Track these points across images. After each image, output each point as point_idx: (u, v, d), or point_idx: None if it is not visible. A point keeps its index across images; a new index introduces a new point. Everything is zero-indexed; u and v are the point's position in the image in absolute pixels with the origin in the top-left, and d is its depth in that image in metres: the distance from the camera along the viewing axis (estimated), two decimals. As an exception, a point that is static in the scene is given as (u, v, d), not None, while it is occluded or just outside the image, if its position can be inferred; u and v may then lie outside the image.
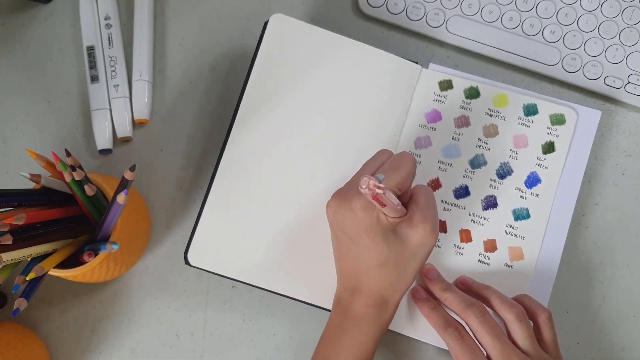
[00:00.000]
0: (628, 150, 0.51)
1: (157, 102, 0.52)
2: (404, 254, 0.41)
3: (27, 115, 0.52)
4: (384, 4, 0.52)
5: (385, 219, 0.40)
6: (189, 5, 0.54)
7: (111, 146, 0.51)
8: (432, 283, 0.45)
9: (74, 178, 0.40)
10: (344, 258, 0.43)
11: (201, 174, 0.51)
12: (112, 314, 0.49)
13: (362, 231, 0.41)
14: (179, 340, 0.49)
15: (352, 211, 0.41)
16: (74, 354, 0.49)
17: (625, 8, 0.51)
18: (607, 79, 0.51)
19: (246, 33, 0.53)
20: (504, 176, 0.48)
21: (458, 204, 0.48)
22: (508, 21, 0.52)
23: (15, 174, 0.51)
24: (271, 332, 0.49)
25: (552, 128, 0.49)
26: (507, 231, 0.47)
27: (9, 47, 0.53)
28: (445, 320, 0.44)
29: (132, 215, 0.45)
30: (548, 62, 0.51)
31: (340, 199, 0.42)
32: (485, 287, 0.46)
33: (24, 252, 0.39)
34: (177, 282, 0.50)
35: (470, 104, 0.49)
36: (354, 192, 0.41)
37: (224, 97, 0.52)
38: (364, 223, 0.40)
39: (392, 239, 0.41)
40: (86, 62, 0.51)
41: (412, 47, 0.53)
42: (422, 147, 0.49)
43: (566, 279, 0.49)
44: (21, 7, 0.53)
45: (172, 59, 0.53)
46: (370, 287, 0.42)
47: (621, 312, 0.49)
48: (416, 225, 0.41)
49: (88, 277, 0.43)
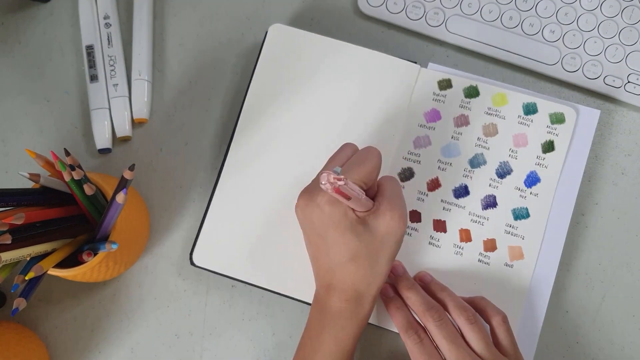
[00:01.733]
0: (627, 150, 0.51)
1: (156, 102, 0.52)
2: (374, 245, 0.41)
3: (26, 114, 0.52)
4: (383, 4, 0.52)
5: (352, 213, 0.40)
6: (189, 5, 0.54)
7: (110, 145, 0.51)
8: (398, 280, 0.45)
9: (73, 177, 0.40)
10: (316, 256, 0.43)
11: (200, 173, 0.51)
12: (111, 314, 0.49)
13: (331, 226, 0.40)
14: (178, 340, 0.49)
15: (318, 207, 0.40)
16: (73, 353, 0.49)
17: (625, 7, 0.51)
18: (607, 79, 0.51)
19: (246, 33, 0.53)
20: (504, 175, 0.48)
21: (458, 203, 0.48)
22: (508, 20, 0.52)
23: (14, 173, 0.51)
24: (271, 332, 0.49)
25: (552, 127, 0.48)
26: (507, 230, 0.47)
27: (8, 46, 0.53)
28: (407, 322, 0.43)
29: (132, 215, 0.45)
30: (548, 62, 0.51)
31: (306, 196, 0.41)
32: (442, 288, 0.45)
33: (23, 251, 0.39)
34: (176, 282, 0.50)
35: (469, 103, 0.49)
36: (320, 188, 0.41)
37: (223, 96, 0.52)
38: (331, 218, 0.40)
39: (361, 231, 0.40)
40: (85, 61, 0.51)
41: (411, 46, 0.53)
42: (422, 146, 0.49)
43: (565, 279, 0.49)
44: (20, 7, 0.53)
45: (172, 59, 0.53)
46: (344, 281, 0.41)
47: (621, 312, 0.49)
48: (383, 214, 0.40)
49: (87, 276, 0.43)
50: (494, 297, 0.46)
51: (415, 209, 0.48)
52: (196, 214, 0.50)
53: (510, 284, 0.47)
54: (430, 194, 0.48)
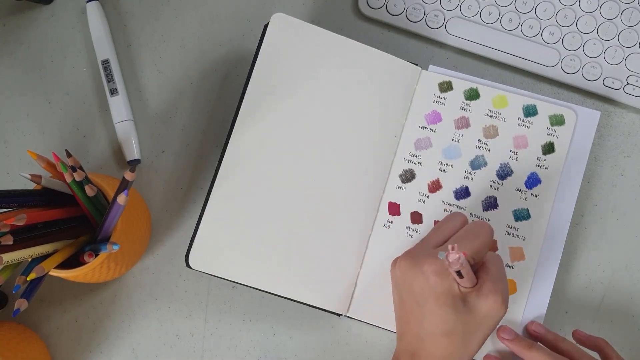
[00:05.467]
0: (627, 151, 0.52)
1: (157, 102, 0.52)
2: (471, 325, 0.40)
3: (28, 115, 0.52)
4: (383, 5, 0.52)
5: (457, 288, 0.40)
6: (189, 6, 0.54)
7: (139, 156, 0.51)
8: (514, 342, 0.45)
9: (74, 179, 0.40)
10: (406, 320, 0.42)
11: (201, 174, 0.51)
12: (112, 314, 0.49)
13: (432, 297, 0.40)
14: (179, 340, 0.49)
15: (423, 275, 0.40)
16: (74, 354, 0.49)
17: (624, 9, 0.51)
18: (606, 80, 0.51)
19: (247, 34, 0.53)
20: (504, 177, 0.48)
21: (459, 205, 0.48)
22: (507, 22, 0.52)
23: (16, 174, 0.51)
24: (271, 332, 0.49)
25: (552, 129, 0.49)
26: (508, 232, 0.48)
27: (10, 48, 0.53)
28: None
29: (133, 216, 0.45)
30: (547, 64, 0.52)
31: (411, 260, 0.41)
32: (562, 339, 0.45)
33: (25, 252, 0.39)
34: (177, 282, 0.50)
35: (470, 105, 0.49)
36: (427, 255, 0.40)
37: (224, 97, 0.52)
38: (434, 289, 0.40)
39: (460, 308, 0.40)
40: (103, 75, 0.51)
41: (411, 48, 0.53)
42: (422, 148, 0.49)
43: (565, 279, 0.50)
44: (22, 9, 0.53)
45: (173, 60, 0.53)
46: (432, 354, 0.40)
47: (620, 312, 0.49)
48: (486, 296, 0.39)
49: (89, 277, 0.44)
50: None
51: (416, 211, 0.48)
52: (197, 215, 0.50)
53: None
54: (432, 196, 0.48)
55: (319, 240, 0.47)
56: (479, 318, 0.40)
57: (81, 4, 0.53)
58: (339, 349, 0.49)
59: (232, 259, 0.46)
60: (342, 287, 0.47)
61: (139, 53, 0.53)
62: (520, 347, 0.44)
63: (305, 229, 0.47)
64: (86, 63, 0.53)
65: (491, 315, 0.40)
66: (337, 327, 0.50)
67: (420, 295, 0.40)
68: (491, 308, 0.40)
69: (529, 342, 0.44)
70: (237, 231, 0.47)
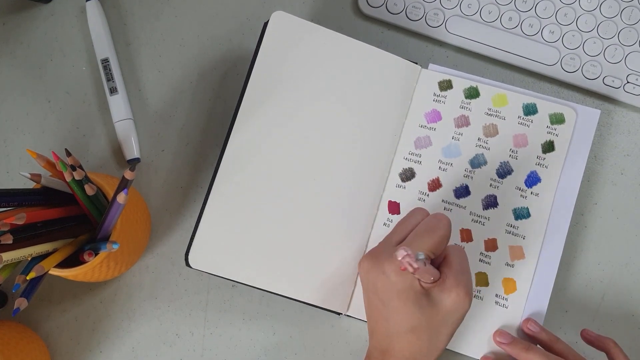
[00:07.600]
0: (627, 150, 0.52)
1: (157, 101, 0.52)
2: (436, 319, 0.40)
3: (27, 114, 0.52)
4: (383, 4, 0.52)
5: (418, 284, 0.40)
6: (189, 4, 0.54)
7: (139, 155, 0.50)
8: (511, 346, 0.45)
9: (74, 178, 0.40)
10: (375, 318, 0.42)
11: (201, 173, 0.51)
12: (112, 313, 0.49)
13: (394, 294, 0.40)
14: (179, 339, 0.49)
15: (384, 274, 0.40)
16: (74, 353, 0.49)
17: (624, 8, 0.51)
18: (606, 79, 0.51)
19: (246, 33, 0.53)
20: (504, 175, 0.48)
21: (458, 203, 0.48)
22: (507, 21, 0.52)
23: (15, 173, 0.51)
24: (271, 331, 0.49)
25: (552, 127, 0.49)
26: (508, 230, 0.48)
27: (10, 47, 0.53)
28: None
29: (133, 215, 0.45)
30: (547, 62, 0.52)
31: (372, 260, 0.41)
32: (556, 339, 0.45)
33: (25, 251, 0.39)
34: (177, 281, 0.50)
35: (470, 104, 0.49)
36: (388, 255, 0.41)
37: (224, 97, 0.52)
38: (396, 287, 0.40)
39: (424, 303, 0.40)
40: (102, 74, 0.51)
41: (411, 47, 0.53)
42: (422, 147, 0.49)
43: (565, 278, 0.50)
44: (21, 7, 0.53)
45: (173, 59, 0.53)
46: (401, 351, 0.41)
47: (620, 311, 0.49)
48: (449, 290, 0.40)
49: (88, 276, 0.44)
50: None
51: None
52: (197, 214, 0.50)
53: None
54: (431, 194, 0.48)
55: (318, 239, 0.47)
56: (443, 312, 0.40)
57: (80, 2, 0.53)
58: (339, 348, 0.49)
59: (232, 258, 0.46)
60: (342, 286, 0.47)
61: (138, 52, 0.53)
62: (518, 349, 0.45)
63: (305, 227, 0.47)
64: (86, 62, 0.53)
65: (455, 308, 0.40)
66: (337, 326, 0.50)
67: (384, 294, 0.41)
68: (455, 301, 0.40)
69: (526, 344, 0.45)
70: (236, 230, 0.47)
